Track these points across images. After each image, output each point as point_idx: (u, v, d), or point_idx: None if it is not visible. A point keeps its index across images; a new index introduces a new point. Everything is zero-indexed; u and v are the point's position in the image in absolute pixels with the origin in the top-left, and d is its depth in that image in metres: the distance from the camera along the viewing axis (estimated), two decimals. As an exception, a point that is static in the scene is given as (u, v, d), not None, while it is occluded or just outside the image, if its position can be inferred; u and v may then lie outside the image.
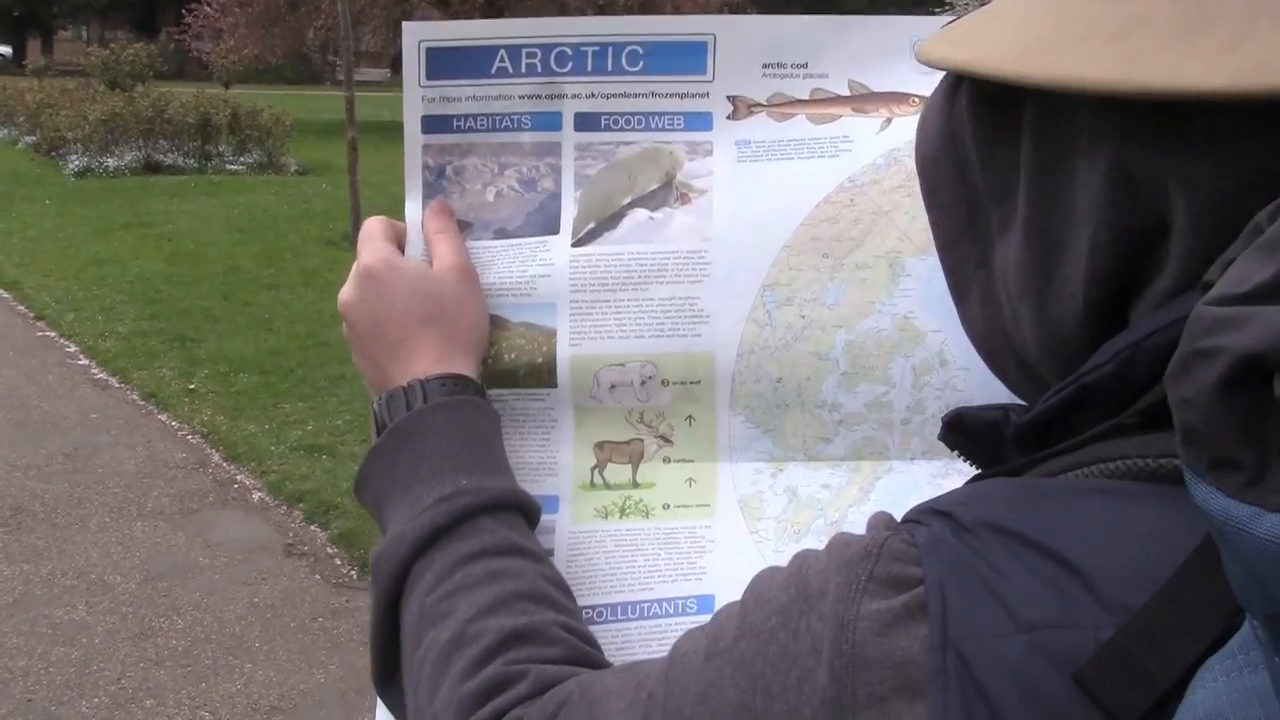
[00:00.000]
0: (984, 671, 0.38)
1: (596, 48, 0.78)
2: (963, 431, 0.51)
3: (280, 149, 15.87)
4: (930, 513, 0.45)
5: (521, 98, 0.80)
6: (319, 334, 7.27)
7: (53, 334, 7.23)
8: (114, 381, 6.28)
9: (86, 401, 5.93)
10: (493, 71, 0.79)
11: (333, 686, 3.40)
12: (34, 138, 17.02)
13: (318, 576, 4.09)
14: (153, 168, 14.77)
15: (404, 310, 0.75)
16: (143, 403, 5.92)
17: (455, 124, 0.81)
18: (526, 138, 0.81)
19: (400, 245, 0.81)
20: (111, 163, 14.55)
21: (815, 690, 0.43)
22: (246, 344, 6.97)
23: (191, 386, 6.13)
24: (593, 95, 0.79)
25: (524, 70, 0.79)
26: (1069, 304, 0.48)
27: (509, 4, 23.61)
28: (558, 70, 0.79)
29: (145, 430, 5.53)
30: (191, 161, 15.18)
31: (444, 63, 0.79)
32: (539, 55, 0.79)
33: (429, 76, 0.80)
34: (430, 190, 0.83)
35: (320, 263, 9.61)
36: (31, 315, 7.67)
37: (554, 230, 0.81)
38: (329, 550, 4.29)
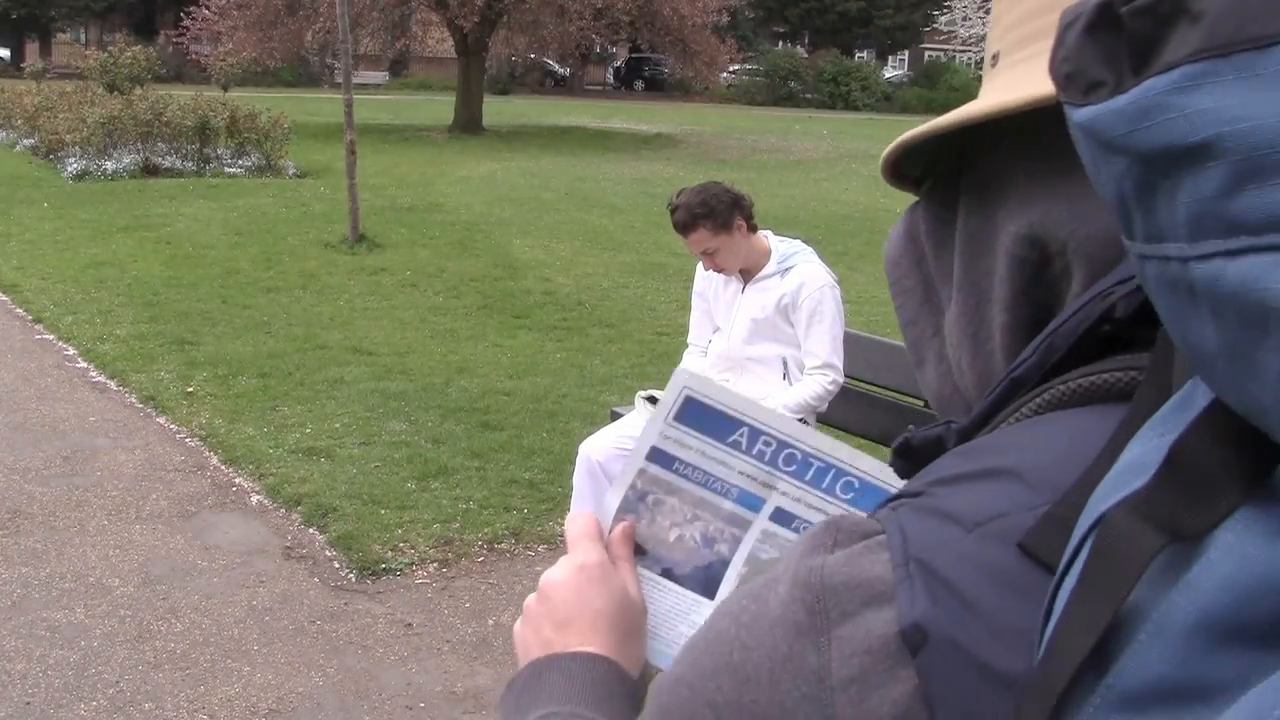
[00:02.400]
0: (945, 567, 0.43)
1: (821, 465, 0.84)
2: (910, 456, 0.55)
3: (278, 152, 15.87)
4: (880, 506, 0.50)
5: (740, 473, 0.86)
6: (317, 337, 7.27)
7: (51, 337, 7.23)
8: (112, 384, 6.27)
9: (85, 404, 5.93)
10: (728, 441, 0.85)
11: (331, 689, 3.40)
12: (32, 140, 17.02)
13: (316, 579, 4.08)
14: (151, 170, 14.77)
15: (600, 611, 0.81)
16: (141, 405, 5.92)
17: (675, 466, 0.87)
18: (726, 505, 0.87)
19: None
20: (110, 165, 14.55)
21: (788, 627, 0.46)
22: (245, 347, 6.97)
23: (190, 389, 6.13)
24: (799, 500, 0.85)
25: (754, 452, 0.85)
26: (996, 341, 0.58)
27: (508, 7, 23.64)
28: (781, 467, 0.85)
29: (144, 433, 5.53)
30: (190, 164, 15.18)
31: (693, 414, 0.86)
32: (772, 446, 0.85)
33: (675, 419, 0.86)
34: (626, 505, 0.88)
35: (319, 265, 9.62)
36: (30, 318, 7.67)
37: (711, 595, 0.86)
38: (327, 553, 4.29)
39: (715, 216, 3.61)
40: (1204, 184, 0.33)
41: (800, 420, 3.78)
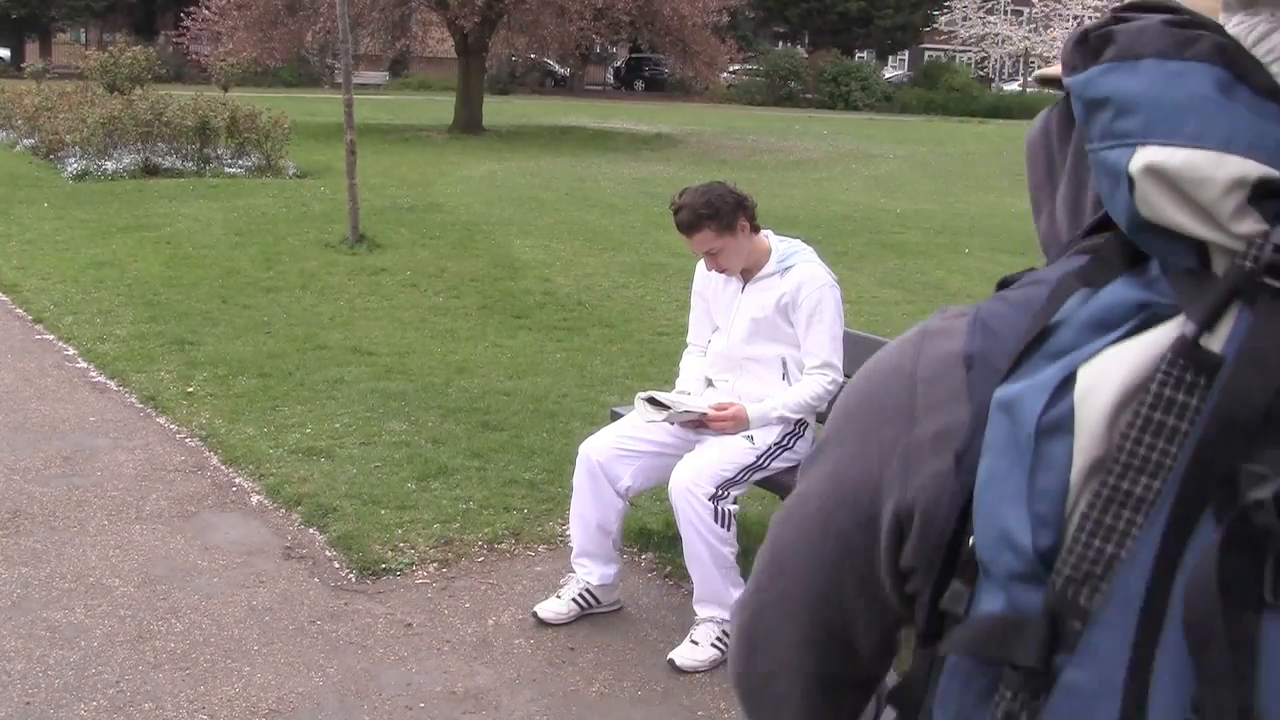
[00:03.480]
0: (992, 320, 0.80)
1: None
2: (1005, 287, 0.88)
3: (279, 152, 15.87)
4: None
5: None
6: (317, 337, 7.27)
7: (51, 337, 7.23)
8: (112, 384, 6.27)
9: (85, 404, 5.93)
10: None
11: (331, 689, 3.40)
12: (32, 140, 17.02)
13: (316, 579, 4.08)
14: (151, 171, 14.76)
15: None
16: (141, 405, 5.92)
17: None
18: None
19: None
20: (110, 166, 14.54)
21: (906, 345, 0.85)
22: (245, 347, 6.97)
23: (190, 389, 6.13)
24: None
25: None
26: (1088, 212, 0.89)
27: (508, 8, 23.64)
28: None
29: (144, 433, 5.53)
30: (190, 164, 15.17)
31: None
32: None
33: None
34: None
35: (319, 265, 9.61)
36: (30, 318, 7.67)
37: None
38: (327, 553, 4.29)
39: (720, 217, 3.61)
40: (1105, 116, 0.72)
41: (800, 420, 3.78)
